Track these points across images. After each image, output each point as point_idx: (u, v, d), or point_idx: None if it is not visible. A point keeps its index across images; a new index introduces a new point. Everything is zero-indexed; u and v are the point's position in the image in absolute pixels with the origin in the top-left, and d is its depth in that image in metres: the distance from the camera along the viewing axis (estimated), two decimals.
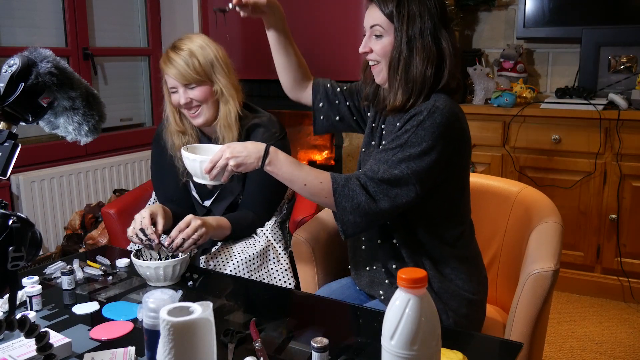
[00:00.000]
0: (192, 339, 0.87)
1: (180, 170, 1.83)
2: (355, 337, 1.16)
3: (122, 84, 3.70)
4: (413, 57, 1.28)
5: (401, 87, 1.30)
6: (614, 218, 2.77)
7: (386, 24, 1.29)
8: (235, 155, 1.27)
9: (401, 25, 1.27)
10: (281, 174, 1.28)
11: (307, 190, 1.27)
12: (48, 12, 3.25)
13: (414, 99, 1.29)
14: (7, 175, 0.93)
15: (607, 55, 2.95)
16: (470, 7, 3.33)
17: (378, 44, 1.32)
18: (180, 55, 1.71)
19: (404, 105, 1.30)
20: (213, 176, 1.30)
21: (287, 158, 1.29)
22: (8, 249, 0.86)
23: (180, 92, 1.72)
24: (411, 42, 1.27)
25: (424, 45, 1.27)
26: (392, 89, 1.33)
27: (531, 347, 1.35)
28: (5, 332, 0.92)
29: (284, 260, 1.76)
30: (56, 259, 1.84)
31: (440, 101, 1.26)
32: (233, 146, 1.29)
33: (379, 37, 1.31)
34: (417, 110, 1.26)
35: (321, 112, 1.58)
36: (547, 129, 2.85)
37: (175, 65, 1.70)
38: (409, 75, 1.28)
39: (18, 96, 0.93)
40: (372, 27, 1.32)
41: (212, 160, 1.29)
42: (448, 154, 1.27)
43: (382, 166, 1.24)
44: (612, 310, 2.76)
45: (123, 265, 1.55)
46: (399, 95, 1.30)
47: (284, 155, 1.29)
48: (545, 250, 1.40)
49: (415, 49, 1.28)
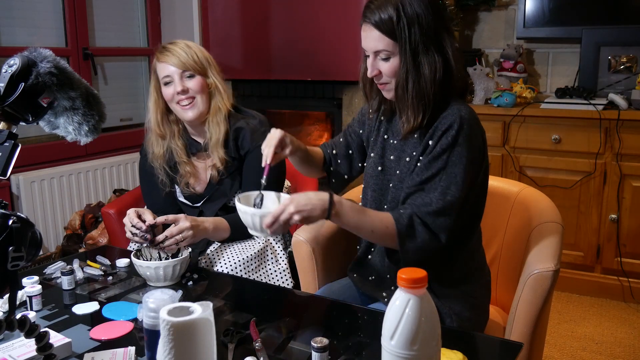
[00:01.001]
0: (192, 339, 0.87)
1: (161, 179, 1.79)
2: (355, 337, 1.16)
3: (122, 84, 3.70)
4: (421, 73, 1.26)
5: (414, 105, 1.28)
6: (614, 218, 2.77)
7: (391, 46, 1.27)
8: (300, 209, 1.20)
9: (404, 42, 1.25)
10: (347, 223, 1.26)
11: (375, 237, 1.28)
12: (48, 12, 3.25)
13: (428, 114, 1.29)
14: (7, 175, 0.93)
15: (607, 55, 2.94)
16: (470, 7, 3.33)
17: (386, 66, 1.29)
18: (178, 46, 1.73)
19: (420, 124, 1.29)
20: (273, 230, 1.24)
21: (351, 206, 1.26)
22: (8, 249, 0.86)
23: (176, 81, 1.71)
24: (416, 58, 1.26)
25: (429, 58, 1.26)
26: (404, 110, 1.31)
27: (531, 347, 1.35)
28: (5, 332, 0.92)
29: (283, 261, 1.76)
30: (56, 259, 1.84)
31: (463, 110, 1.27)
32: (297, 199, 1.22)
33: (386, 59, 1.29)
34: (445, 125, 1.26)
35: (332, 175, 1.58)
36: (547, 129, 2.85)
37: (175, 53, 1.71)
38: (420, 89, 1.27)
39: (18, 96, 0.93)
40: (376, 52, 1.29)
41: (275, 215, 1.22)
42: (481, 159, 1.31)
43: (434, 195, 1.25)
44: (612, 310, 2.76)
45: (123, 265, 1.55)
46: (414, 115, 1.29)
47: (348, 204, 1.25)
48: (546, 250, 1.40)
49: (422, 64, 1.26)
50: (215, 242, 1.75)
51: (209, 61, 1.77)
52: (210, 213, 1.78)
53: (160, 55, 1.74)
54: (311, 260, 1.61)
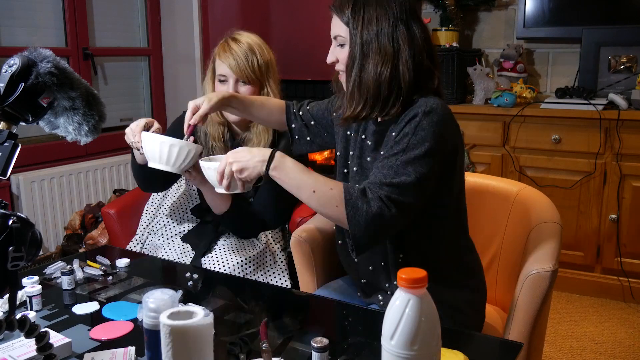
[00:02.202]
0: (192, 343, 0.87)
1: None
2: (355, 337, 1.16)
3: (122, 84, 3.70)
4: (367, 61, 1.24)
5: (355, 94, 1.26)
6: (614, 218, 2.77)
7: (346, 32, 1.27)
8: (238, 159, 1.23)
9: (356, 30, 1.24)
10: (287, 180, 1.22)
11: (316, 199, 1.20)
12: (48, 12, 3.25)
13: (369, 106, 1.25)
14: (7, 175, 0.93)
15: (607, 55, 2.95)
16: (470, 7, 3.33)
17: (342, 53, 1.30)
18: (241, 47, 1.69)
19: (358, 115, 1.27)
20: (226, 186, 1.25)
21: (294, 164, 1.23)
22: (8, 249, 0.85)
23: (230, 84, 1.70)
24: (365, 46, 1.24)
25: (380, 47, 1.23)
26: (346, 97, 1.29)
27: (530, 347, 1.35)
28: (5, 332, 0.92)
29: (281, 261, 1.76)
30: (56, 259, 1.84)
31: (431, 101, 1.24)
32: (237, 151, 1.25)
33: (342, 46, 1.29)
34: (412, 114, 1.23)
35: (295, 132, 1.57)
36: (547, 129, 2.85)
37: (235, 56, 1.68)
38: (362, 81, 1.25)
39: (18, 96, 0.93)
40: (335, 37, 1.30)
41: (219, 170, 1.25)
42: (448, 151, 1.26)
43: (388, 172, 1.20)
44: (612, 310, 2.76)
45: (123, 265, 1.55)
46: (354, 103, 1.27)
47: (291, 161, 1.23)
48: (544, 250, 1.41)
49: (370, 53, 1.24)
50: (216, 242, 1.75)
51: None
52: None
53: (222, 52, 1.71)
54: (310, 260, 1.61)
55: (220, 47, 1.72)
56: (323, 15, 3.35)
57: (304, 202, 1.24)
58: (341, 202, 1.18)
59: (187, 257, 1.73)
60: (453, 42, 3.18)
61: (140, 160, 1.65)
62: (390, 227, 1.21)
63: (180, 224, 1.88)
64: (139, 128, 1.52)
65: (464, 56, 3.18)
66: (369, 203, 1.17)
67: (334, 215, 1.20)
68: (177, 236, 1.84)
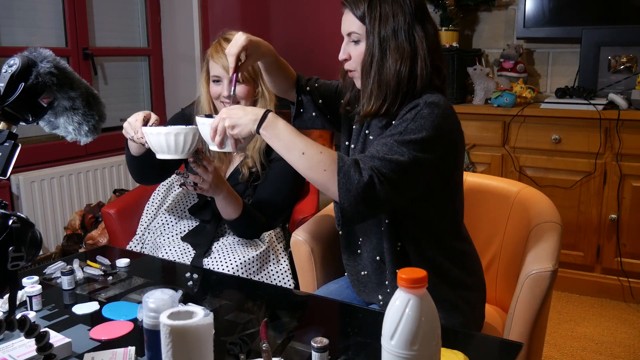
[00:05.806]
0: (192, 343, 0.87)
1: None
2: (355, 337, 1.16)
3: (122, 84, 3.70)
4: (386, 58, 1.25)
5: (374, 91, 1.26)
6: (614, 218, 2.77)
7: (361, 29, 1.27)
8: (231, 115, 1.23)
9: (373, 27, 1.25)
10: (277, 141, 1.20)
11: (305, 161, 1.17)
12: (48, 12, 3.25)
13: (389, 103, 1.26)
14: (7, 175, 0.93)
15: (607, 55, 2.95)
16: (470, 7, 3.33)
17: (356, 50, 1.29)
18: None
19: (377, 111, 1.27)
20: (218, 142, 1.26)
21: (286, 125, 1.22)
22: (8, 249, 0.86)
23: (224, 84, 1.71)
24: (383, 43, 1.24)
25: (398, 45, 1.24)
26: (365, 94, 1.29)
27: (530, 347, 1.35)
28: (5, 332, 0.92)
29: (284, 261, 1.76)
30: (56, 259, 1.84)
31: (434, 97, 1.24)
32: (231, 108, 1.26)
33: (357, 42, 1.29)
34: (413, 104, 1.23)
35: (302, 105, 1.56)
36: (547, 129, 2.85)
37: None
38: (382, 77, 1.25)
39: (18, 96, 0.93)
40: (348, 34, 1.30)
41: (212, 125, 1.25)
42: (446, 144, 1.25)
43: (382, 148, 1.18)
44: (612, 310, 2.76)
45: (123, 265, 1.55)
46: (373, 100, 1.27)
47: (283, 122, 1.22)
48: (544, 250, 1.40)
49: (388, 50, 1.24)
50: (216, 243, 1.75)
51: None
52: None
53: (215, 52, 1.71)
54: (310, 260, 1.61)
55: (213, 48, 1.73)
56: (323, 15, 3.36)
57: (292, 164, 1.22)
58: (330, 166, 1.15)
59: (188, 257, 1.73)
60: (453, 42, 3.18)
61: (134, 152, 1.65)
62: (379, 202, 1.16)
63: (180, 222, 1.88)
64: (139, 123, 1.51)
65: (464, 56, 3.18)
66: (361, 173, 1.15)
67: (321, 180, 1.17)
68: (177, 236, 1.84)
